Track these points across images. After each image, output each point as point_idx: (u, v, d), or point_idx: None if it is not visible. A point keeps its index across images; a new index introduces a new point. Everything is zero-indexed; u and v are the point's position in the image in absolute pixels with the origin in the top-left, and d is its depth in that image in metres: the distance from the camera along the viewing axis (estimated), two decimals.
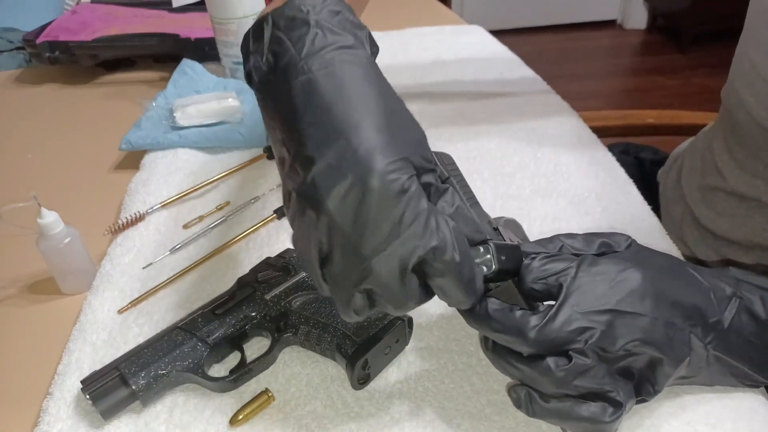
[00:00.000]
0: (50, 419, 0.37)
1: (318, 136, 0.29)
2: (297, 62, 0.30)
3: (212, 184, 0.57)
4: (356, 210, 0.27)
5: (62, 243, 0.44)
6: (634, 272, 0.31)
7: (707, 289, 0.33)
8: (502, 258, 0.31)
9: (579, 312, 0.30)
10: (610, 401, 0.31)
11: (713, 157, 0.55)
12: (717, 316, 0.32)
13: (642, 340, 0.30)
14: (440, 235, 0.28)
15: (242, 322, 0.40)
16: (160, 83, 0.77)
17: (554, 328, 0.29)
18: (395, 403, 0.37)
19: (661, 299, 0.31)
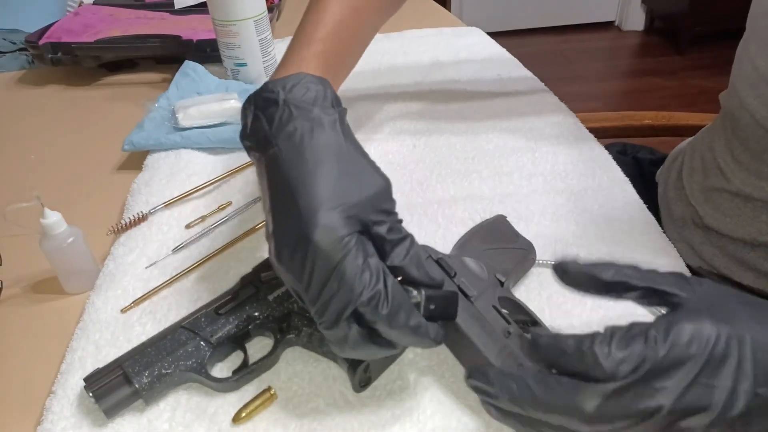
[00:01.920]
0: (53, 417, 0.37)
1: (279, 206, 0.34)
2: (269, 137, 0.36)
3: (214, 185, 0.57)
4: (302, 265, 0.31)
5: (65, 243, 0.44)
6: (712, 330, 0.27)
7: None
8: (430, 307, 0.33)
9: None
10: None
11: (715, 158, 0.55)
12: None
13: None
14: (372, 290, 0.30)
15: (245, 322, 0.40)
16: (163, 84, 0.77)
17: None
18: (396, 399, 0.37)
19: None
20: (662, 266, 0.46)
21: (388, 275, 0.32)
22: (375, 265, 0.31)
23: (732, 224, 0.53)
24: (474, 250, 0.43)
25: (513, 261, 0.43)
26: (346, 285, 0.30)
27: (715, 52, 2.44)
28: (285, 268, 0.33)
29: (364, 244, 0.32)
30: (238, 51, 0.69)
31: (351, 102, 0.71)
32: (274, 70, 0.77)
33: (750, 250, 0.52)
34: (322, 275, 0.31)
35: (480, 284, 0.40)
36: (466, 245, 0.44)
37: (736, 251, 0.53)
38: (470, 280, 0.39)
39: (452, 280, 0.39)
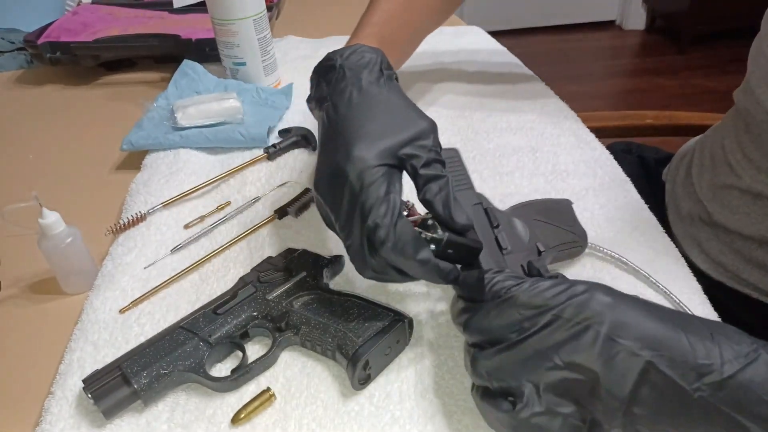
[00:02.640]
0: (52, 418, 0.37)
1: (324, 146, 0.39)
2: (325, 95, 0.42)
3: (213, 185, 0.57)
4: (334, 192, 0.36)
5: (64, 243, 0.44)
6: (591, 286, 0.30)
7: (699, 331, 0.29)
8: (448, 250, 0.35)
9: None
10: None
11: (725, 155, 0.55)
12: (710, 359, 0.28)
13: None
14: (382, 219, 0.34)
15: (244, 322, 0.40)
16: (161, 84, 0.77)
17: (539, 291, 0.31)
18: (395, 401, 0.37)
19: (615, 322, 0.29)
20: (664, 266, 0.46)
21: (401, 212, 0.35)
22: (393, 200, 0.34)
23: (741, 221, 0.53)
24: (525, 215, 0.44)
25: (558, 240, 0.44)
26: (364, 212, 0.34)
27: (717, 52, 2.43)
28: (321, 196, 0.37)
29: (390, 177, 0.35)
30: (237, 50, 0.68)
31: None
32: (273, 70, 0.77)
33: (758, 247, 0.52)
34: (348, 201, 0.35)
35: (518, 244, 0.41)
36: (520, 209, 0.46)
37: (744, 248, 0.53)
38: (510, 237, 0.41)
39: (492, 230, 0.40)
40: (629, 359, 0.28)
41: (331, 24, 0.94)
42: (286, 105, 0.68)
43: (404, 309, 0.41)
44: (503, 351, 0.31)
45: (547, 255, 0.42)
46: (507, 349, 0.31)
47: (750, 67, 0.52)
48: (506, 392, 0.31)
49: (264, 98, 0.68)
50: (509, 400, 0.31)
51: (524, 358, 0.30)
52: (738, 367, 0.28)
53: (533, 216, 0.45)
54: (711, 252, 0.57)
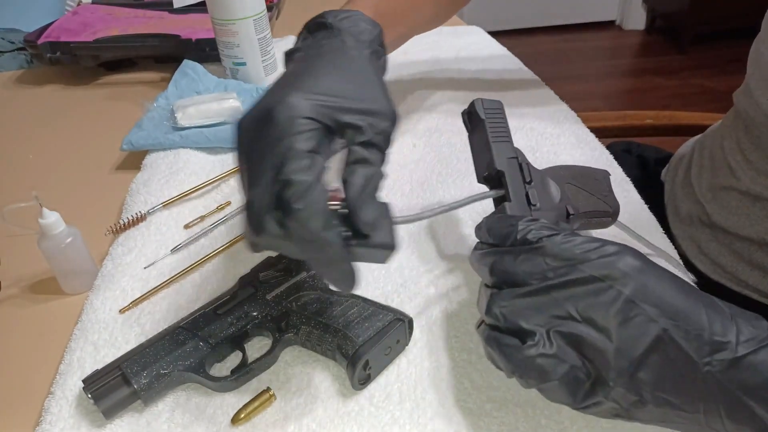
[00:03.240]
0: (52, 418, 0.37)
1: (270, 88, 0.34)
2: (303, 47, 0.40)
3: (213, 184, 0.57)
4: (255, 132, 0.31)
5: (64, 243, 0.44)
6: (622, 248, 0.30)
7: (719, 309, 0.29)
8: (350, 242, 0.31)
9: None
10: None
11: (725, 156, 0.55)
12: (726, 338, 0.28)
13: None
14: (299, 175, 0.29)
15: (244, 322, 0.40)
16: (161, 84, 0.77)
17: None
18: (395, 401, 0.37)
19: (639, 287, 0.29)
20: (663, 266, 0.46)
21: (320, 178, 0.30)
22: (317, 160, 0.30)
23: (739, 223, 0.53)
24: (560, 178, 0.43)
25: (590, 206, 0.43)
26: (280, 163, 0.29)
27: (717, 52, 2.43)
28: (238, 136, 0.32)
29: (320, 138, 0.31)
30: (237, 50, 0.68)
31: None
32: (273, 70, 0.77)
33: (757, 249, 0.52)
34: (265, 147, 0.30)
35: (548, 203, 0.40)
36: (556, 170, 0.44)
37: (743, 250, 0.53)
38: (541, 195, 0.40)
39: (524, 185, 0.39)
40: (645, 324, 0.28)
41: None
42: None
43: (404, 309, 0.41)
44: (523, 295, 0.31)
45: (576, 219, 0.42)
46: (527, 294, 0.31)
47: (749, 69, 0.52)
48: (515, 333, 0.31)
49: None
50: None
51: (542, 305, 0.30)
52: (752, 348, 0.28)
53: (568, 179, 0.44)
54: (710, 253, 0.57)
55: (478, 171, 0.42)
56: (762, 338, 0.28)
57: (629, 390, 0.29)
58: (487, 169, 0.40)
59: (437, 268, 0.46)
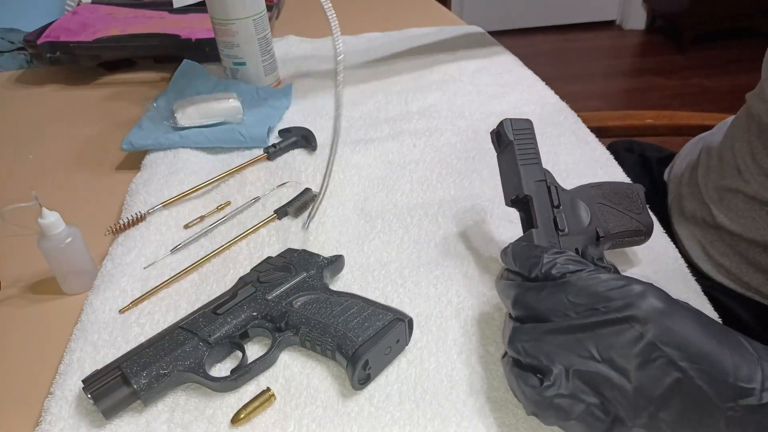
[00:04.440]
0: (52, 419, 0.37)
1: None
2: None
3: (213, 185, 0.57)
4: None
5: (63, 243, 0.44)
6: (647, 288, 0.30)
7: (745, 352, 0.28)
8: None
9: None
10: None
11: (735, 158, 0.55)
12: (751, 384, 0.27)
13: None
14: None
15: (243, 322, 0.40)
16: (161, 84, 0.77)
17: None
18: (395, 402, 0.37)
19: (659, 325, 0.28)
20: (664, 266, 0.46)
21: None
22: None
23: (746, 225, 0.53)
24: (590, 198, 0.43)
25: (622, 227, 0.42)
26: None
27: (717, 51, 2.43)
28: None
29: None
30: (237, 50, 0.68)
31: (351, 101, 0.71)
32: (272, 70, 0.77)
33: (761, 251, 0.52)
34: None
35: (577, 227, 0.40)
36: (587, 190, 0.44)
37: (748, 252, 0.53)
38: (570, 218, 0.40)
39: (552, 209, 0.39)
40: (666, 366, 0.28)
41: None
42: (286, 105, 0.68)
43: (404, 309, 0.41)
44: (545, 332, 0.31)
45: (606, 241, 0.41)
46: (549, 332, 0.31)
47: (764, 74, 0.52)
48: (536, 369, 0.32)
49: (264, 98, 0.68)
50: (537, 376, 0.31)
51: (563, 344, 0.30)
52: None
53: (599, 199, 0.43)
54: (714, 254, 0.56)
55: (506, 194, 0.41)
56: None
57: (649, 429, 0.29)
58: (515, 193, 0.40)
59: (437, 268, 0.46)
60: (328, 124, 0.66)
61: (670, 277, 0.44)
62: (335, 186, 0.56)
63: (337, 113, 0.68)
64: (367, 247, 0.49)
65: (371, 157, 0.60)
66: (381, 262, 0.47)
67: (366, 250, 0.48)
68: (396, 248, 0.48)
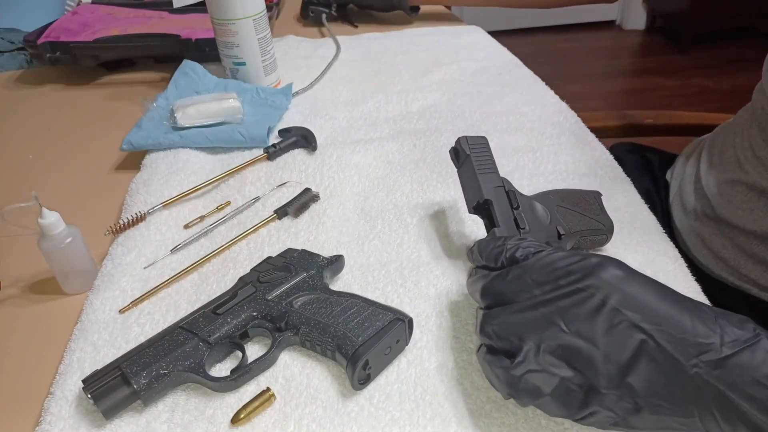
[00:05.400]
0: (52, 419, 0.37)
1: None
2: None
3: (213, 185, 0.57)
4: None
5: (63, 243, 0.44)
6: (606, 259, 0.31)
7: (702, 313, 0.29)
8: None
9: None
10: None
11: (735, 152, 0.56)
12: (710, 339, 0.28)
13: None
14: None
15: (243, 322, 0.40)
16: (161, 84, 0.77)
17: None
18: (395, 402, 0.37)
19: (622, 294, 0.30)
20: (663, 266, 0.46)
21: None
22: None
23: (744, 217, 0.54)
24: (549, 202, 0.45)
25: (582, 226, 0.44)
26: None
27: (717, 51, 2.43)
28: None
29: None
30: (237, 50, 0.68)
31: (351, 101, 0.71)
32: (272, 70, 0.77)
33: (760, 243, 0.53)
34: None
35: (537, 226, 0.42)
36: (545, 195, 0.46)
37: (746, 244, 0.54)
38: (530, 219, 0.41)
39: (512, 211, 0.41)
40: (630, 330, 0.29)
41: (331, 24, 0.94)
42: (286, 105, 0.68)
43: (404, 309, 0.41)
44: (512, 312, 0.32)
45: (568, 239, 0.42)
46: (516, 311, 0.32)
47: (765, 68, 0.52)
48: (508, 352, 0.32)
49: (264, 98, 0.68)
50: (510, 360, 0.32)
51: (531, 321, 0.31)
52: (736, 348, 0.28)
53: (558, 203, 0.45)
54: (713, 247, 0.57)
55: (468, 202, 0.44)
56: (746, 339, 0.29)
57: (622, 397, 0.29)
58: (476, 199, 0.42)
59: (437, 268, 0.46)
60: (328, 124, 0.66)
61: (669, 277, 0.45)
62: (335, 186, 0.56)
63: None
64: (367, 247, 0.49)
65: (371, 157, 0.60)
66: (381, 262, 0.47)
67: (366, 250, 0.48)
68: (396, 248, 0.48)
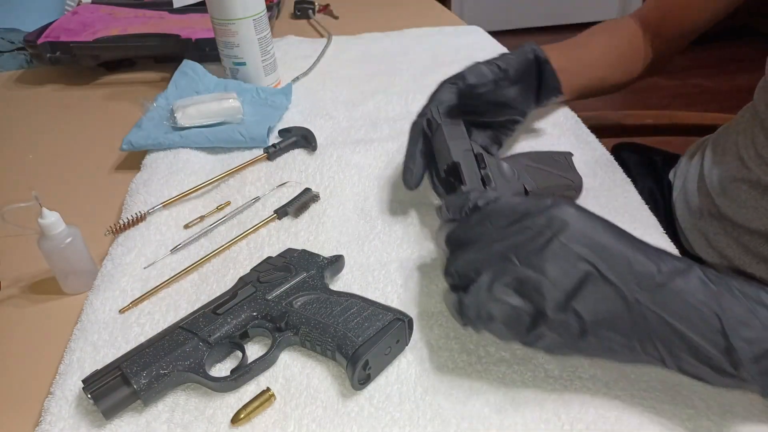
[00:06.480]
0: (52, 419, 0.37)
1: None
2: None
3: (213, 185, 0.57)
4: None
5: (63, 243, 0.44)
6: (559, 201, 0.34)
7: (644, 247, 0.33)
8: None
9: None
10: None
11: (738, 150, 0.56)
12: (649, 269, 0.31)
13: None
14: None
15: (243, 322, 0.40)
16: (161, 84, 0.77)
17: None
18: (395, 403, 0.37)
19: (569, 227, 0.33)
20: None
21: None
22: None
23: (748, 215, 0.54)
24: (518, 162, 0.47)
25: (549, 182, 0.46)
26: None
27: (717, 52, 2.43)
28: None
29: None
30: (237, 50, 0.68)
31: (351, 101, 0.71)
32: (272, 70, 0.77)
33: (764, 242, 0.53)
34: None
35: (504, 184, 0.44)
36: (514, 157, 0.49)
37: (750, 242, 0.54)
38: (496, 178, 0.44)
39: (479, 171, 0.44)
40: (576, 260, 0.32)
41: (331, 24, 0.94)
42: (286, 105, 0.68)
43: (404, 309, 0.41)
44: (471, 251, 0.35)
45: (535, 195, 0.45)
46: (475, 251, 0.35)
47: (766, 76, 0.52)
48: (467, 287, 0.34)
49: (264, 98, 0.68)
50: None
51: (486, 257, 0.34)
52: (672, 277, 0.31)
53: (525, 162, 0.48)
54: (718, 245, 0.57)
55: (440, 167, 0.46)
56: (682, 269, 0.31)
57: (567, 321, 0.32)
58: (446, 163, 0.45)
59: (437, 268, 0.46)
60: (328, 124, 0.66)
61: None
62: (335, 186, 0.56)
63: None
64: (367, 247, 0.49)
65: (371, 157, 0.60)
66: (381, 262, 0.47)
67: (366, 250, 0.48)
68: (396, 248, 0.48)
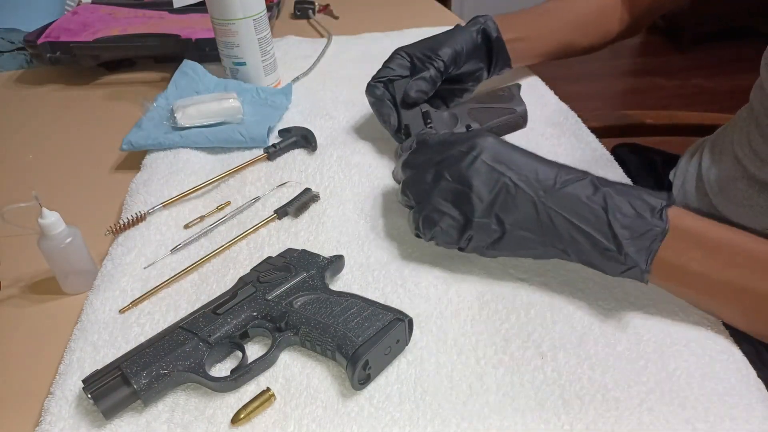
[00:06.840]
0: (52, 419, 0.37)
1: None
2: None
3: (213, 185, 0.57)
4: None
5: (63, 243, 0.44)
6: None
7: (550, 164, 0.41)
8: None
9: None
10: None
11: (733, 148, 0.56)
12: (549, 177, 0.40)
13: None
14: None
15: (243, 322, 0.40)
16: (161, 84, 0.77)
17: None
18: (395, 403, 0.37)
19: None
20: None
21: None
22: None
23: (745, 214, 0.54)
24: (463, 107, 0.55)
25: (493, 117, 0.54)
26: None
27: (717, 52, 2.43)
28: None
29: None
30: (237, 50, 0.68)
31: (351, 101, 0.71)
32: (272, 70, 0.77)
33: None
34: None
35: (448, 129, 0.54)
36: (459, 105, 0.57)
37: None
38: (440, 127, 0.54)
39: (425, 126, 0.54)
40: (495, 174, 0.40)
41: (331, 23, 0.94)
42: (286, 105, 0.68)
43: (404, 309, 0.41)
44: (418, 174, 0.44)
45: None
46: (420, 172, 0.44)
47: (763, 64, 0.53)
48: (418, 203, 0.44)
49: (264, 98, 0.68)
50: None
51: (428, 177, 0.43)
52: (569, 182, 0.40)
53: (469, 106, 0.55)
54: None
55: (395, 132, 0.57)
56: (579, 176, 0.40)
57: (490, 224, 0.40)
58: (399, 125, 0.55)
59: (437, 268, 0.46)
60: (328, 124, 0.66)
61: None
62: (335, 186, 0.56)
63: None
64: (367, 247, 0.49)
65: (371, 157, 0.60)
66: (381, 262, 0.47)
67: (366, 250, 0.48)
68: (396, 248, 0.48)
